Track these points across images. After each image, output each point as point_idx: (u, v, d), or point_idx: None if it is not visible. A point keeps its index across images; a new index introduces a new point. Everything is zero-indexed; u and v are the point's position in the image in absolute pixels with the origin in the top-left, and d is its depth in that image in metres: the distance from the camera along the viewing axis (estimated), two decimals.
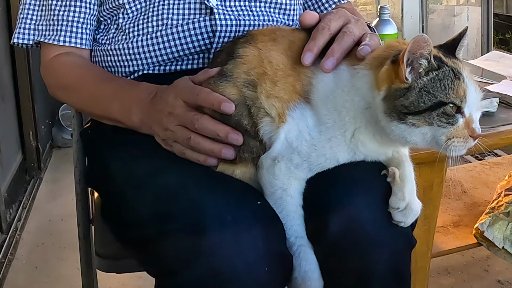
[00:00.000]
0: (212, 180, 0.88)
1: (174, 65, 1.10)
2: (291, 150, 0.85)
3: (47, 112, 3.18)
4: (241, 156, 0.88)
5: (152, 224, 0.84)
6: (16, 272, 2.03)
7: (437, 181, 1.26)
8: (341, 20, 0.92)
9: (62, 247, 2.16)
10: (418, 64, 0.79)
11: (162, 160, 0.92)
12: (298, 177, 0.86)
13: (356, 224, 0.83)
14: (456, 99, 0.79)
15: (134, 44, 1.09)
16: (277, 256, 0.81)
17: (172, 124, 0.90)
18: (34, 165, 2.83)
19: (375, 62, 0.82)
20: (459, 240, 1.51)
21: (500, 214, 1.46)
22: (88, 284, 1.31)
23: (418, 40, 0.77)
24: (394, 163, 0.88)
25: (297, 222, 0.85)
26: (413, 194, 0.85)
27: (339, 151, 0.85)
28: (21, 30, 1.14)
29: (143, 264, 0.91)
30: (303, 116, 0.85)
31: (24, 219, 2.41)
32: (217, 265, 0.77)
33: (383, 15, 1.49)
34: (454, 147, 0.79)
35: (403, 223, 0.84)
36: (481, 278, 1.87)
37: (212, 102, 0.86)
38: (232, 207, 0.81)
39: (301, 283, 0.84)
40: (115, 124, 1.03)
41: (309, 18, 0.93)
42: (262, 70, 0.87)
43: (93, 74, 1.10)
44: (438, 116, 0.78)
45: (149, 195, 0.87)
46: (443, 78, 0.79)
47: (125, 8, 1.09)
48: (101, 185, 1.06)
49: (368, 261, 0.84)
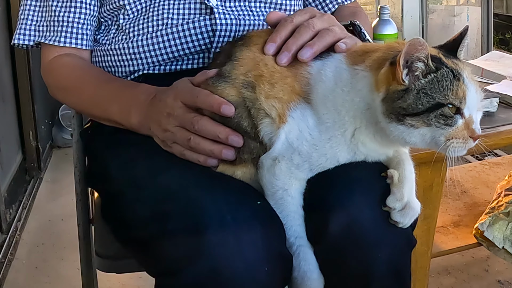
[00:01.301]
0: (212, 180, 0.88)
1: (174, 65, 1.10)
2: (292, 150, 0.85)
3: (47, 112, 3.18)
4: (241, 157, 0.88)
5: (152, 224, 0.84)
6: (16, 272, 2.03)
7: (437, 181, 1.26)
8: (307, 15, 0.93)
9: (62, 247, 2.16)
10: (415, 67, 0.79)
11: (162, 160, 0.92)
12: (299, 177, 0.86)
13: (356, 224, 0.83)
14: (455, 100, 0.79)
15: (134, 44, 1.09)
16: (276, 256, 0.81)
17: (171, 125, 0.90)
18: (34, 165, 2.83)
19: (375, 64, 0.82)
20: (459, 240, 1.51)
21: (500, 214, 1.46)
22: (88, 284, 1.31)
23: (413, 43, 0.78)
24: (395, 163, 0.87)
25: (297, 223, 0.86)
26: (412, 194, 0.85)
27: (339, 151, 0.85)
28: (22, 31, 1.14)
29: (143, 264, 0.91)
30: (304, 116, 0.85)
31: (24, 219, 2.41)
32: (217, 265, 0.77)
33: (383, 15, 1.49)
34: (453, 148, 0.79)
35: (401, 223, 0.84)
36: (481, 278, 1.87)
37: (212, 104, 0.86)
38: (232, 207, 0.81)
39: (301, 283, 0.84)
40: (114, 125, 1.03)
41: (274, 16, 0.94)
42: (258, 72, 0.87)
43: (93, 75, 1.10)
44: (436, 118, 0.78)
45: (149, 195, 0.87)
46: (441, 79, 0.79)
47: (125, 9, 1.09)
48: (101, 185, 1.06)
49: (368, 261, 0.84)
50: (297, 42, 0.88)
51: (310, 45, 0.88)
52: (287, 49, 0.88)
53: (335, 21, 0.94)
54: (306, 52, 0.87)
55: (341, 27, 0.93)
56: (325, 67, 0.86)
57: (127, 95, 1.01)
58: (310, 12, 0.94)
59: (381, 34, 1.46)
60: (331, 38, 0.89)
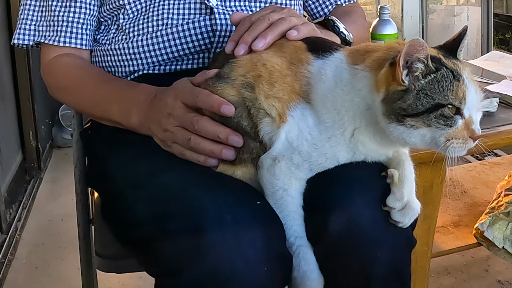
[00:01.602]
0: (211, 180, 0.88)
1: (174, 65, 1.10)
2: (292, 149, 0.85)
3: (47, 112, 3.18)
4: (240, 157, 0.88)
5: (151, 224, 0.84)
6: (16, 272, 2.03)
7: (437, 181, 1.26)
8: (268, 10, 0.96)
9: (62, 247, 2.16)
10: (415, 67, 0.79)
11: (161, 160, 0.92)
12: (299, 177, 0.86)
13: (356, 224, 0.83)
14: (455, 100, 0.79)
15: (134, 43, 1.09)
16: (276, 255, 0.81)
17: (171, 125, 0.90)
18: (34, 165, 2.83)
19: (375, 64, 0.82)
20: (459, 240, 1.51)
21: (500, 214, 1.46)
22: (88, 284, 1.32)
23: (413, 44, 0.77)
24: (395, 163, 0.88)
25: (297, 222, 0.85)
26: (412, 195, 0.85)
27: (339, 151, 0.85)
28: (22, 31, 1.14)
29: (143, 264, 0.91)
30: (304, 116, 0.85)
31: (24, 219, 2.41)
32: (217, 265, 0.77)
33: (383, 15, 1.49)
34: (453, 148, 0.79)
35: (401, 223, 0.84)
36: (481, 278, 1.87)
37: (212, 104, 0.86)
38: (232, 207, 0.81)
39: (300, 282, 0.84)
40: (114, 125, 1.03)
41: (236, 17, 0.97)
42: (257, 73, 0.87)
43: (93, 75, 1.10)
44: (436, 118, 0.78)
45: (148, 195, 0.87)
46: (441, 80, 0.79)
47: (125, 9, 1.09)
48: (101, 185, 1.06)
49: (368, 261, 0.84)
50: (252, 33, 0.91)
51: (263, 35, 0.90)
52: (243, 42, 0.91)
53: (295, 13, 0.96)
54: (259, 42, 0.90)
55: (300, 17, 0.95)
56: (325, 66, 0.86)
57: (127, 95, 1.01)
58: (271, 8, 0.97)
59: (381, 34, 1.46)
60: (285, 27, 0.91)
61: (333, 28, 1.11)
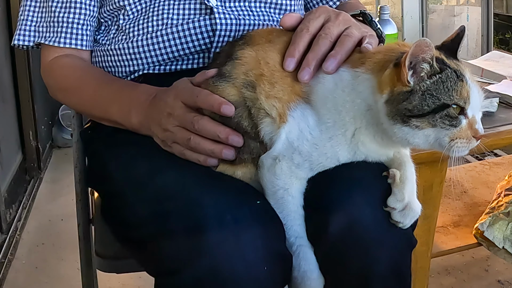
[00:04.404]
0: (211, 179, 0.88)
1: (174, 65, 1.10)
2: (292, 149, 0.85)
3: (47, 112, 3.18)
4: (241, 157, 0.88)
5: (151, 224, 0.84)
6: (16, 272, 2.03)
7: (437, 181, 1.26)
8: (321, 18, 0.91)
9: (62, 247, 2.16)
10: (420, 68, 0.79)
11: (161, 159, 0.92)
12: (300, 176, 0.86)
13: (357, 224, 0.83)
14: (459, 100, 0.79)
15: (134, 44, 1.09)
16: (276, 255, 0.81)
17: (171, 125, 0.90)
18: (34, 165, 2.83)
19: (377, 66, 0.82)
20: (459, 240, 1.51)
21: (500, 214, 1.46)
22: (88, 284, 1.32)
23: (420, 44, 0.77)
24: (396, 163, 0.88)
25: (298, 222, 0.86)
26: (413, 195, 0.85)
27: (340, 150, 0.85)
28: (22, 31, 1.14)
29: (143, 264, 0.91)
30: (304, 116, 0.85)
31: (24, 219, 2.41)
32: (217, 264, 0.77)
33: (383, 15, 1.49)
34: (457, 148, 0.80)
35: (401, 223, 0.84)
36: (481, 278, 1.87)
37: (212, 104, 0.86)
38: (232, 207, 0.81)
39: (300, 282, 0.84)
40: (115, 125, 1.03)
41: (289, 20, 0.92)
42: (259, 72, 0.87)
43: (93, 76, 1.10)
44: (441, 118, 0.78)
45: (148, 195, 0.87)
46: (446, 80, 0.79)
47: (125, 10, 1.09)
48: (100, 185, 1.06)
49: (369, 261, 0.84)
50: (316, 56, 0.86)
51: (334, 56, 0.85)
52: (308, 65, 0.85)
53: (350, 21, 0.92)
54: (331, 63, 0.85)
55: (356, 26, 0.91)
56: None
57: (127, 95, 1.01)
58: (324, 13, 0.92)
59: None
60: (352, 44, 0.87)
61: (370, 23, 1.05)
